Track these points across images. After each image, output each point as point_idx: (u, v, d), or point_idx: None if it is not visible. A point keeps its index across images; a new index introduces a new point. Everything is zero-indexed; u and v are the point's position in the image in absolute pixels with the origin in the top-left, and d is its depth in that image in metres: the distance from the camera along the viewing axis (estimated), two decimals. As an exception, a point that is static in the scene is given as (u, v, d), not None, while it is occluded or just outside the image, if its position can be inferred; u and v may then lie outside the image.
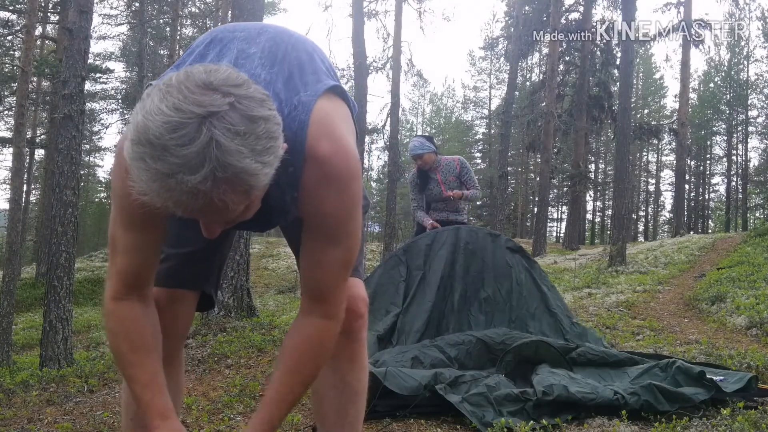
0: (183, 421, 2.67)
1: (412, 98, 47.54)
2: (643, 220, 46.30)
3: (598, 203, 44.86)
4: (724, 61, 37.72)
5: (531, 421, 2.53)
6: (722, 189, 41.15)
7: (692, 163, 38.36)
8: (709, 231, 33.17)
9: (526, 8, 23.46)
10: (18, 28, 17.43)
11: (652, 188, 45.88)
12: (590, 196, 39.86)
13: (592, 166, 39.96)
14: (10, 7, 16.93)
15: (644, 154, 44.08)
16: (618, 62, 20.45)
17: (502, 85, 36.42)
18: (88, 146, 33.23)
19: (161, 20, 25.68)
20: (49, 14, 20.61)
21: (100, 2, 22.90)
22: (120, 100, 28.83)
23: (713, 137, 39.88)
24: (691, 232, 25.80)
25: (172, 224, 1.24)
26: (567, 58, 24.95)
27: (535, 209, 27.01)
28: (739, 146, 38.81)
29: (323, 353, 1.26)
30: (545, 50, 26.41)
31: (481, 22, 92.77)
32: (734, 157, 39.11)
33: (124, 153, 0.94)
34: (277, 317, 6.84)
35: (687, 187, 34.32)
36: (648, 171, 45.78)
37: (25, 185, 20.76)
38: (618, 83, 19.38)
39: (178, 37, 24.94)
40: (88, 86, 21.78)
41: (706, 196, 42.34)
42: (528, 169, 41.38)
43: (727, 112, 37.71)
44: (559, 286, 8.21)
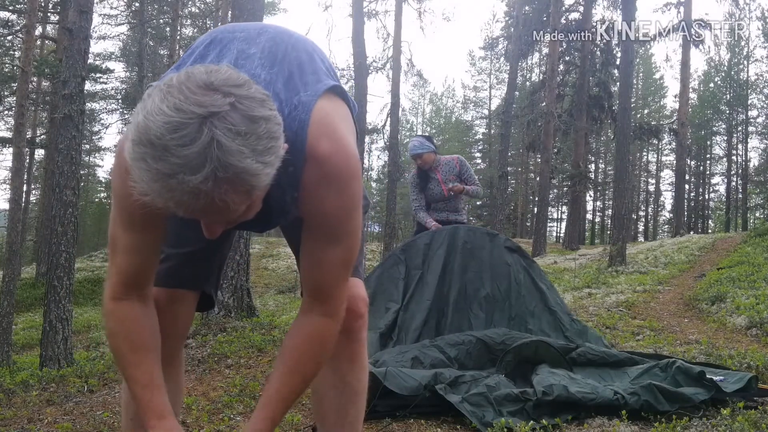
0: (183, 421, 2.68)
1: (412, 98, 47.62)
2: (643, 220, 46.32)
3: (598, 203, 44.87)
4: (724, 61, 37.75)
5: (531, 421, 2.53)
6: (722, 189, 41.22)
7: (692, 163, 38.37)
8: (709, 231, 33.17)
9: (526, 8, 23.46)
10: (18, 28, 17.43)
11: (652, 188, 45.92)
12: (590, 196, 39.88)
13: (592, 166, 39.96)
14: (10, 7, 16.93)
15: (644, 154, 44.09)
16: (618, 62, 20.46)
17: (502, 85, 36.44)
18: (88, 146, 33.25)
19: (161, 20, 25.68)
20: (49, 14, 20.61)
21: (100, 2, 22.93)
22: (120, 100, 28.86)
23: (713, 137, 39.89)
24: (691, 232, 25.80)
25: (172, 224, 1.25)
26: (567, 58, 24.95)
27: (535, 209, 27.01)
28: (739, 146, 38.85)
29: (324, 352, 1.27)
30: (545, 50, 26.42)
31: (481, 22, 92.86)
32: (734, 157, 39.15)
33: (124, 153, 0.94)
34: (277, 317, 6.83)
35: (687, 187, 34.33)
36: (648, 171, 45.79)
37: (25, 185, 20.76)
38: (618, 83, 19.38)
39: (178, 37, 24.94)
40: (88, 86, 21.78)
41: (706, 196, 42.37)
42: (528, 169, 41.38)
43: (727, 112, 37.71)
44: (559, 286, 8.21)
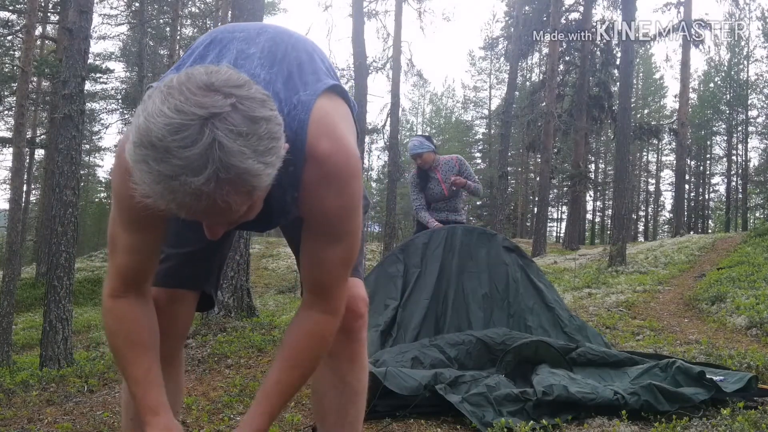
0: (183, 421, 2.68)
1: (412, 98, 47.60)
2: (643, 220, 46.31)
3: (598, 203, 44.87)
4: (724, 61, 37.75)
5: (531, 421, 2.54)
6: (722, 189, 41.21)
7: (692, 163, 38.37)
8: (709, 231, 33.17)
9: (526, 8, 23.46)
10: (18, 28, 17.42)
11: (652, 188, 45.92)
12: (590, 196, 39.88)
13: (592, 166, 39.96)
14: (10, 7, 16.92)
15: (644, 154, 44.09)
16: (618, 62, 20.45)
17: (502, 85, 36.44)
18: (88, 146, 33.24)
19: (161, 20, 25.68)
20: (49, 14, 20.60)
21: (100, 2, 22.93)
22: (120, 100, 28.86)
23: (713, 137, 39.89)
24: (691, 232, 25.80)
25: (172, 224, 1.25)
26: (567, 58, 24.95)
27: (535, 209, 27.01)
28: (739, 146, 38.85)
29: (323, 348, 1.28)
30: (545, 50, 26.42)
31: (481, 22, 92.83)
32: (734, 157, 39.15)
33: (125, 155, 0.94)
34: (277, 317, 6.83)
35: (687, 187, 34.33)
36: (648, 171, 45.79)
37: (25, 185, 20.75)
38: (618, 83, 19.38)
39: (178, 37, 24.93)
40: (88, 86, 21.78)
41: (706, 196, 42.37)
42: (528, 169, 41.38)
43: (727, 112, 37.71)
44: (559, 286, 8.21)
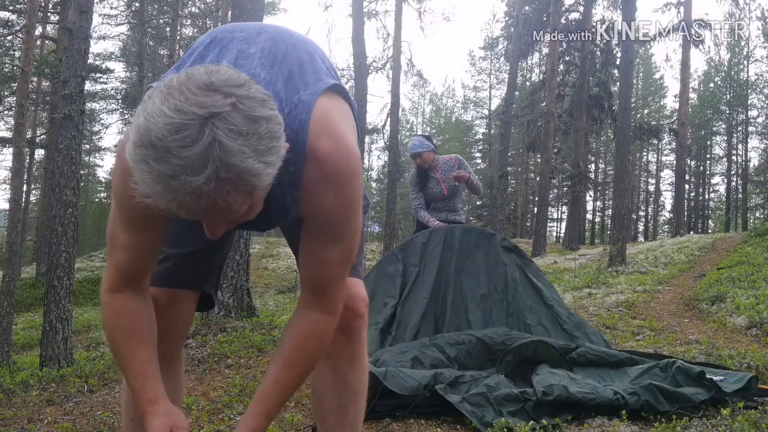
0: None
1: (412, 98, 47.61)
2: (643, 220, 46.31)
3: (598, 203, 44.87)
4: (724, 61, 37.75)
5: (531, 421, 2.53)
6: (722, 189, 41.22)
7: (692, 163, 38.37)
8: (709, 231, 33.17)
9: (526, 8, 23.46)
10: (18, 28, 17.43)
11: (652, 188, 45.92)
12: (590, 196, 39.88)
13: (592, 166, 39.96)
14: (10, 7, 16.93)
15: (644, 154, 44.09)
16: (618, 62, 20.45)
17: (502, 85, 36.44)
18: (88, 146, 33.25)
19: (161, 20, 25.68)
20: (49, 14, 20.60)
21: (100, 2, 22.94)
22: (120, 100, 28.86)
23: (713, 137, 39.89)
24: (691, 232, 25.80)
25: (172, 224, 1.25)
26: (567, 58, 24.95)
27: (535, 209, 27.01)
28: (739, 146, 38.85)
29: (321, 347, 1.28)
30: (545, 50, 26.42)
31: (481, 22, 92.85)
32: (734, 157, 39.15)
33: (125, 155, 0.94)
34: (277, 317, 6.83)
35: (687, 187, 34.33)
36: (648, 171, 45.79)
37: (25, 185, 20.76)
38: (618, 83, 19.38)
39: (178, 37, 24.93)
40: (88, 86, 21.78)
41: (706, 196, 42.37)
42: (528, 169, 41.38)
43: (727, 112, 37.71)
44: (559, 286, 8.21)
